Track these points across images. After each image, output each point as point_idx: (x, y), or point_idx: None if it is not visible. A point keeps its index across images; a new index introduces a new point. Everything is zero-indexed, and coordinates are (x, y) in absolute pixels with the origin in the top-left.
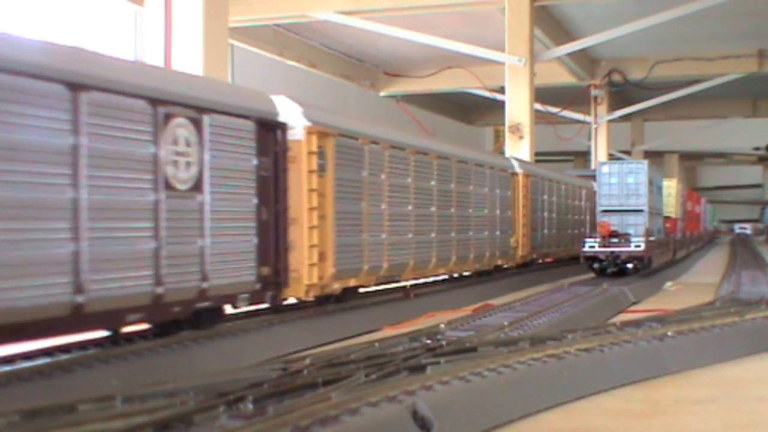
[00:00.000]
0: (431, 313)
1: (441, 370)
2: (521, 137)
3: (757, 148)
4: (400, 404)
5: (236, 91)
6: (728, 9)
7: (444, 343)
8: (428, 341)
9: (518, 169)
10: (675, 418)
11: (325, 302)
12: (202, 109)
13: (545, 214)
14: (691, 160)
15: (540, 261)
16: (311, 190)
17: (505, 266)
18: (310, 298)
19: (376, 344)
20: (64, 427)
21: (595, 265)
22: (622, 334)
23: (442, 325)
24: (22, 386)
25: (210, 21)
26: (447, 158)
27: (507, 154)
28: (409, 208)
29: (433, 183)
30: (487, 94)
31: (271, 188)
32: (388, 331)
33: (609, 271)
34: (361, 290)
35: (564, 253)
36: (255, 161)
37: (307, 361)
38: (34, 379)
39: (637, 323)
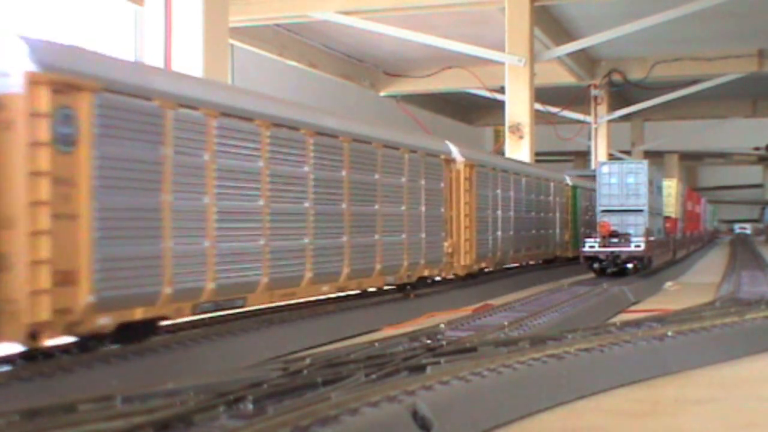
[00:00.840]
0: (431, 313)
1: (441, 370)
2: (521, 137)
3: (757, 148)
4: (400, 404)
5: None
6: (728, 9)
7: (444, 343)
8: (428, 341)
9: (456, 156)
10: (675, 418)
11: (92, 346)
12: None
13: (499, 212)
14: (691, 160)
15: (488, 270)
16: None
17: (436, 278)
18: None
19: (376, 344)
20: (64, 427)
21: (595, 265)
22: (622, 334)
23: (442, 325)
24: (22, 386)
25: (210, 21)
26: (367, 141)
27: (507, 154)
28: (261, 202)
29: (306, 169)
30: (487, 94)
31: None
32: (388, 331)
33: (609, 271)
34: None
35: (531, 258)
36: None
37: (307, 361)
38: (34, 379)
39: (637, 323)
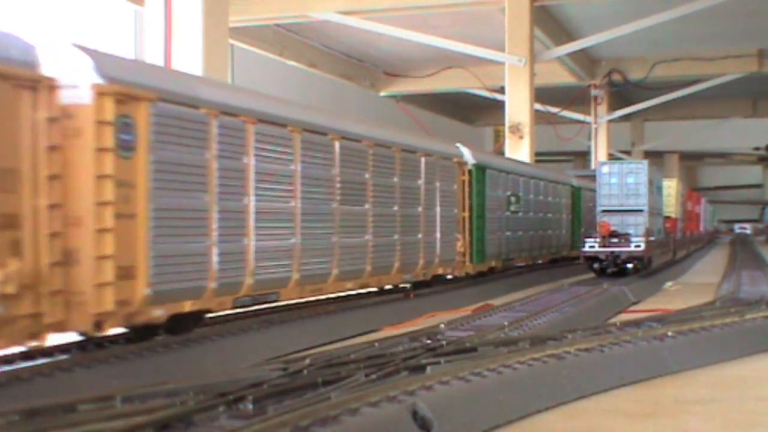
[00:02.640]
0: (431, 313)
1: (441, 370)
2: (521, 137)
3: (757, 148)
4: (400, 404)
5: None
6: (728, 9)
7: (444, 343)
8: (428, 341)
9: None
10: (675, 418)
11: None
12: None
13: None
14: (691, 160)
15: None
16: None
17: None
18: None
19: (376, 344)
20: (64, 427)
21: (595, 265)
22: (622, 334)
23: (442, 325)
24: (22, 386)
25: (210, 21)
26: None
27: (507, 154)
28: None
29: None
30: (487, 94)
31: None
32: (388, 331)
33: (609, 271)
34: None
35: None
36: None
37: (307, 361)
38: (34, 379)
39: (637, 323)
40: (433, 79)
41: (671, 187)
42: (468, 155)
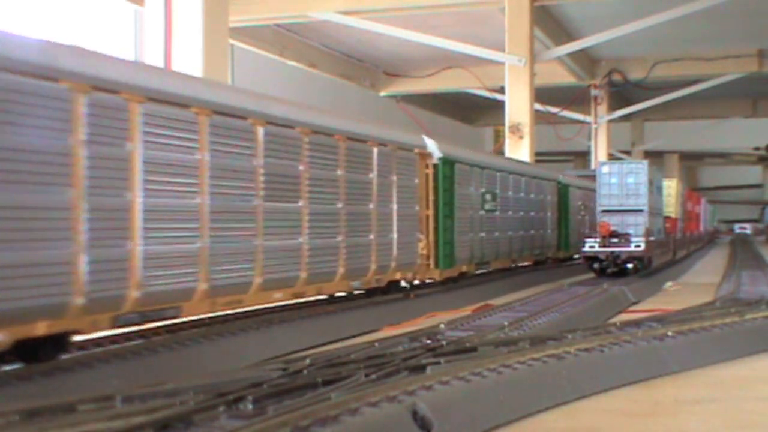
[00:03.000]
0: (431, 313)
1: (441, 370)
2: (521, 137)
3: (757, 148)
4: (400, 404)
5: None
6: (728, 9)
7: (444, 343)
8: (428, 341)
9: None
10: (675, 418)
11: None
12: None
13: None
14: (691, 160)
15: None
16: None
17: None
18: None
19: (376, 344)
20: (64, 427)
21: (595, 265)
22: (622, 334)
23: (442, 325)
24: (22, 386)
25: (210, 21)
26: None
27: (507, 155)
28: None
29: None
30: (487, 94)
31: None
32: (388, 331)
33: (609, 271)
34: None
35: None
36: None
37: (307, 361)
38: (34, 379)
39: (637, 323)
40: (433, 79)
41: (671, 187)
42: (433, 147)
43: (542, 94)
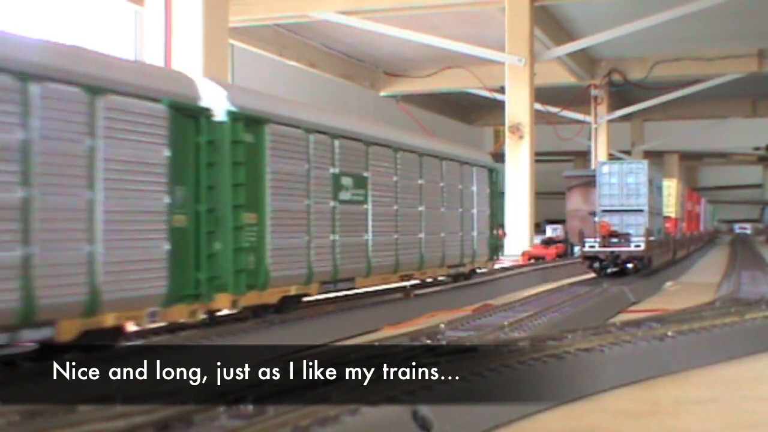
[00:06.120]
0: (431, 313)
1: (441, 370)
2: (521, 137)
3: (757, 148)
4: (400, 404)
5: None
6: (728, 9)
7: (444, 343)
8: (428, 341)
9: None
10: (675, 418)
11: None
12: None
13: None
14: (691, 160)
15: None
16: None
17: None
18: None
19: (376, 344)
20: (64, 427)
21: (595, 265)
22: (622, 334)
23: (442, 325)
24: (22, 386)
25: (210, 21)
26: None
27: (507, 155)
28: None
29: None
30: (487, 94)
31: None
32: (388, 331)
33: (609, 270)
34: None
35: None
36: None
37: (307, 361)
38: (34, 379)
39: (637, 323)
40: (433, 79)
41: (671, 187)
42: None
43: (542, 94)
